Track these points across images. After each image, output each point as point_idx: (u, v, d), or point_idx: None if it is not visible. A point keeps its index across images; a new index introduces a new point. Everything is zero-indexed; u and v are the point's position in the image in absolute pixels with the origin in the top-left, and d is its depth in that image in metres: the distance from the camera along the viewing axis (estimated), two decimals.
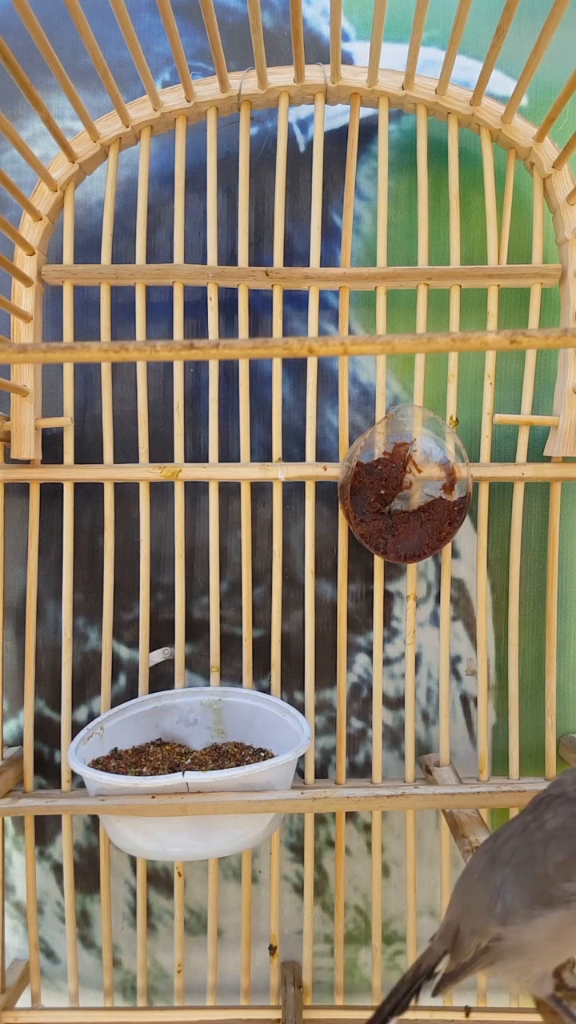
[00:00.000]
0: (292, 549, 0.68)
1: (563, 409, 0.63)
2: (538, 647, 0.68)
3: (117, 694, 0.68)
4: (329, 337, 0.27)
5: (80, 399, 0.68)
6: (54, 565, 0.68)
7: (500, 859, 0.43)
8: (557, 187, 0.62)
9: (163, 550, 0.68)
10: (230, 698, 0.65)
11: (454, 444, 0.62)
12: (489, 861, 0.44)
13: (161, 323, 0.69)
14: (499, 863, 0.43)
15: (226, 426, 0.68)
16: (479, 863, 0.45)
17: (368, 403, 0.68)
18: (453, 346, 0.27)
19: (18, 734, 0.69)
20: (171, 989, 0.71)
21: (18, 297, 0.63)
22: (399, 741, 0.69)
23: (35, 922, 0.67)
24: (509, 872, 0.42)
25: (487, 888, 0.43)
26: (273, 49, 0.67)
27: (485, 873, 0.44)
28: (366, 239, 0.69)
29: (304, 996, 0.67)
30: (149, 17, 0.68)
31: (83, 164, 0.64)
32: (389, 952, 0.71)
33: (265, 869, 0.70)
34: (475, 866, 0.46)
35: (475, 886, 0.44)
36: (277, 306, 0.65)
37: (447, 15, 0.65)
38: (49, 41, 0.49)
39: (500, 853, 0.44)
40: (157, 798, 0.52)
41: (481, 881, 0.44)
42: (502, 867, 0.43)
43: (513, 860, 0.42)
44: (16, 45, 0.58)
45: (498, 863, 0.43)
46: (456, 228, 0.64)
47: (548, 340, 0.26)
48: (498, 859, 0.44)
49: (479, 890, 0.44)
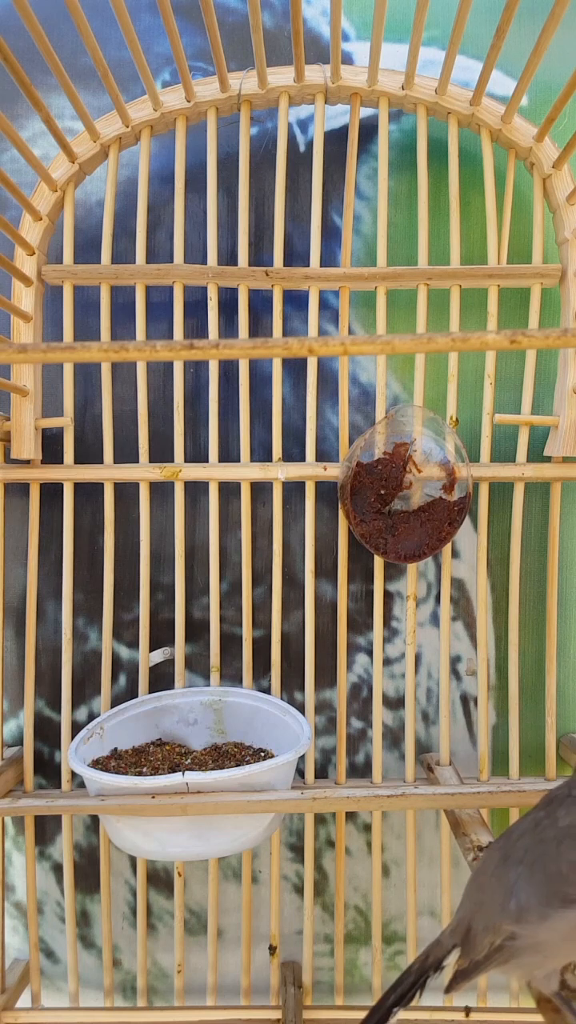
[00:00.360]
0: (292, 549, 0.68)
1: (563, 409, 0.63)
2: (538, 647, 0.68)
3: (117, 694, 0.68)
4: (329, 337, 0.27)
5: (80, 399, 0.68)
6: (54, 565, 0.68)
7: (513, 857, 0.43)
8: (557, 187, 0.62)
9: (163, 550, 0.68)
10: (230, 698, 0.65)
11: (454, 444, 0.62)
12: (502, 859, 0.44)
13: (161, 323, 0.69)
14: (512, 861, 0.43)
15: (226, 426, 0.68)
16: (492, 860, 0.45)
17: (368, 403, 0.68)
18: (453, 346, 0.27)
19: (18, 734, 0.69)
20: (171, 989, 0.71)
21: (18, 297, 0.63)
22: (399, 741, 0.69)
23: (35, 922, 0.67)
24: (523, 870, 0.42)
25: (500, 885, 0.43)
26: (273, 49, 0.67)
27: (498, 870, 0.44)
28: (366, 239, 0.69)
29: (304, 996, 0.67)
30: (149, 17, 0.68)
31: (83, 164, 0.64)
32: (389, 952, 0.71)
33: (265, 869, 0.70)
34: (488, 863, 0.46)
35: (488, 883, 0.44)
36: (277, 306, 0.65)
37: (447, 15, 0.65)
38: (49, 41, 0.49)
39: (513, 851, 0.44)
40: (157, 798, 0.52)
41: (494, 878, 0.44)
42: (515, 865, 0.43)
43: (526, 858, 0.42)
44: (16, 45, 0.58)
45: (511, 861, 0.43)
46: (456, 228, 0.64)
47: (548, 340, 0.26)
48: (511, 857, 0.43)
49: (492, 887, 0.43)
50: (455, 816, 0.59)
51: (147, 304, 0.67)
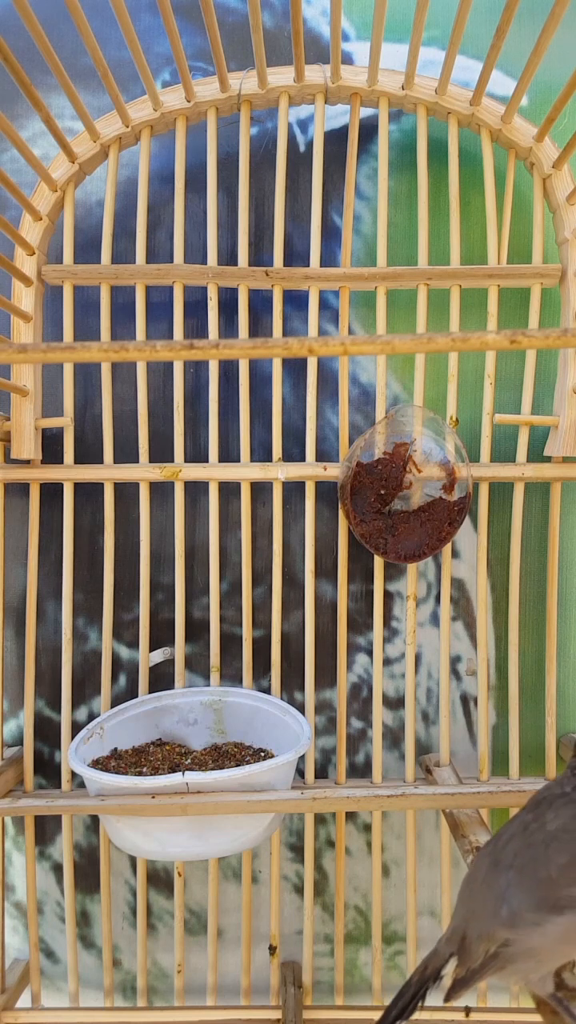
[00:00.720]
0: (292, 549, 0.68)
1: (563, 409, 0.63)
2: (538, 647, 0.68)
3: (117, 694, 0.68)
4: (329, 337, 0.27)
5: (80, 399, 0.68)
6: (54, 565, 0.68)
7: (503, 862, 0.43)
8: (557, 187, 0.62)
9: (163, 550, 0.68)
10: (230, 698, 0.65)
11: (454, 444, 0.62)
12: (492, 864, 0.44)
13: (161, 323, 0.69)
14: (502, 866, 0.43)
15: (226, 426, 0.68)
16: (482, 866, 0.45)
17: (368, 403, 0.68)
18: (453, 346, 0.27)
19: (18, 734, 0.69)
20: (171, 989, 0.71)
21: (18, 297, 0.63)
22: (399, 741, 0.69)
23: (35, 922, 0.67)
24: (512, 875, 0.42)
25: (491, 892, 0.43)
26: (273, 49, 0.67)
27: (489, 876, 0.44)
28: (366, 239, 0.69)
29: (304, 996, 0.67)
30: (149, 17, 0.68)
31: (83, 164, 0.64)
32: (389, 952, 0.71)
33: (265, 869, 0.70)
34: (478, 870, 0.45)
35: (479, 890, 0.44)
36: (277, 306, 0.65)
37: (447, 15, 0.65)
38: (49, 41, 0.49)
39: (502, 856, 0.43)
40: (157, 798, 0.52)
41: (485, 885, 0.44)
42: (505, 870, 0.43)
43: (516, 863, 0.42)
44: (16, 45, 0.58)
45: (501, 866, 0.43)
46: (456, 228, 0.64)
47: (548, 340, 0.26)
48: (501, 862, 0.43)
49: (483, 894, 0.43)
50: (454, 818, 0.59)
51: (147, 304, 0.66)
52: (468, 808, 0.59)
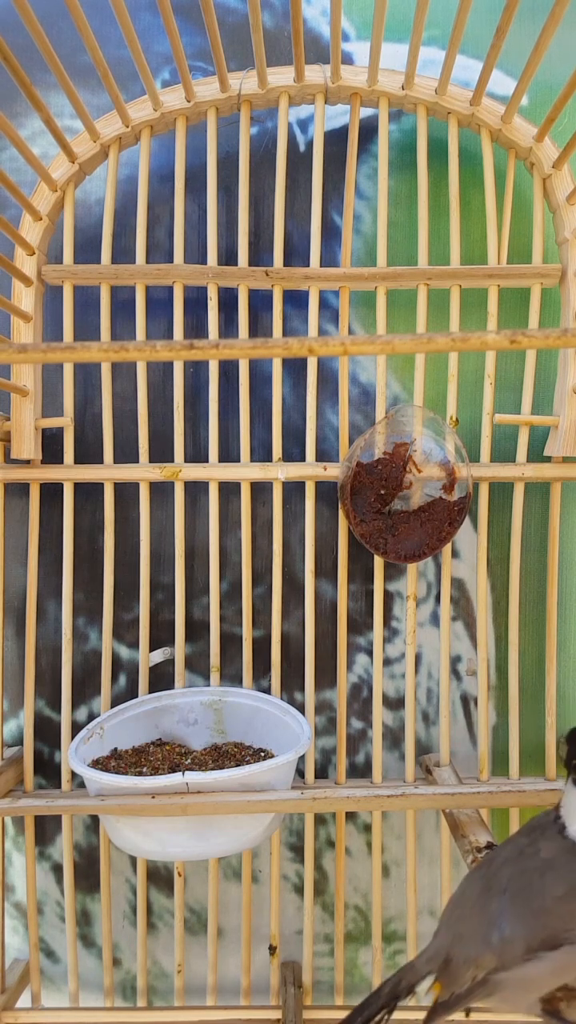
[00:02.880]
0: (292, 549, 0.68)
1: (563, 409, 0.63)
2: (538, 647, 0.68)
3: (117, 694, 0.68)
4: (329, 337, 0.27)
5: (80, 399, 0.68)
6: (54, 565, 0.68)
7: (496, 887, 0.42)
8: (557, 187, 0.62)
9: (163, 550, 0.68)
10: (230, 698, 0.65)
11: (454, 444, 0.62)
12: (484, 888, 0.43)
13: (161, 323, 0.69)
14: (495, 891, 0.42)
15: (226, 426, 0.68)
16: (473, 889, 0.44)
17: (368, 403, 0.68)
18: (453, 346, 0.27)
19: (18, 734, 0.69)
20: (171, 989, 0.71)
21: (18, 297, 0.63)
22: (399, 741, 0.69)
23: (35, 922, 0.67)
24: (506, 901, 0.41)
25: (483, 916, 0.42)
26: (273, 49, 0.67)
27: (480, 900, 0.43)
28: (366, 239, 0.69)
29: (304, 996, 0.67)
30: (149, 17, 0.68)
31: (83, 164, 0.64)
32: (389, 952, 0.71)
33: (265, 869, 0.70)
34: (469, 892, 0.44)
35: (469, 913, 0.43)
36: (277, 306, 0.65)
37: (447, 15, 0.65)
38: (48, 40, 0.49)
39: (495, 880, 0.42)
40: (157, 798, 0.52)
41: (476, 908, 0.43)
42: (498, 895, 0.41)
43: (510, 887, 0.41)
44: (15, 43, 0.58)
45: (494, 891, 0.42)
46: (456, 228, 0.64)
47: (548, 340, 0.26)
48: (494, 887, 0.42)
49: (474, 918, 0.42)
50: (454, 818, 0.59)
51: (147, 304, 0.66)
52: (468, 808, 0.59)
